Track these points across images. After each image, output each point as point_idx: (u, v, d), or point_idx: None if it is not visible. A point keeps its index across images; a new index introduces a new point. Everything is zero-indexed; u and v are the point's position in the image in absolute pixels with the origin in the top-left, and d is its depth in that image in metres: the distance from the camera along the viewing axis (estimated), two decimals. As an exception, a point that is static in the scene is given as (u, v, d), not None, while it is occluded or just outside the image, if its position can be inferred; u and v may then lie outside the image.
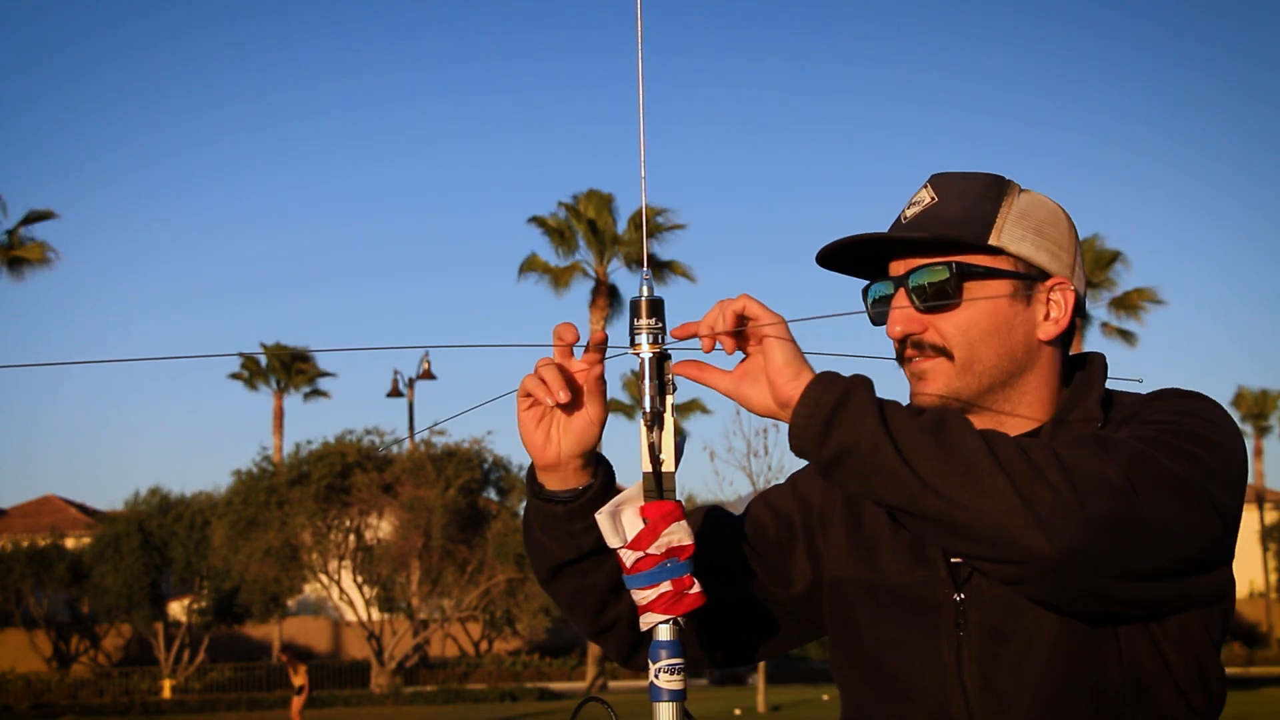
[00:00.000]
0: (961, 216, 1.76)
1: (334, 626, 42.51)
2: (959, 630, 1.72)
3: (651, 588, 1.65)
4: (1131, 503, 1.52)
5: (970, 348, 1.75)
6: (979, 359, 1.75)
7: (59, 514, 45.32)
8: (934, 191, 1.80)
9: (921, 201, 1.80)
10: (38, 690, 32.05)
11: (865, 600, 1.82)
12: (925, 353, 1.77)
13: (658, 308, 1.68)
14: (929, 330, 1.76)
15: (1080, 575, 1.52)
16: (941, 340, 1.76)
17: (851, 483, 1.59)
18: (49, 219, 34.00)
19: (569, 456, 1.76)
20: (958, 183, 1.80)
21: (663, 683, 1.64)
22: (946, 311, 1.75)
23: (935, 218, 1.77)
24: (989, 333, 1.75)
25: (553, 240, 36.08)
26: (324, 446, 32.35)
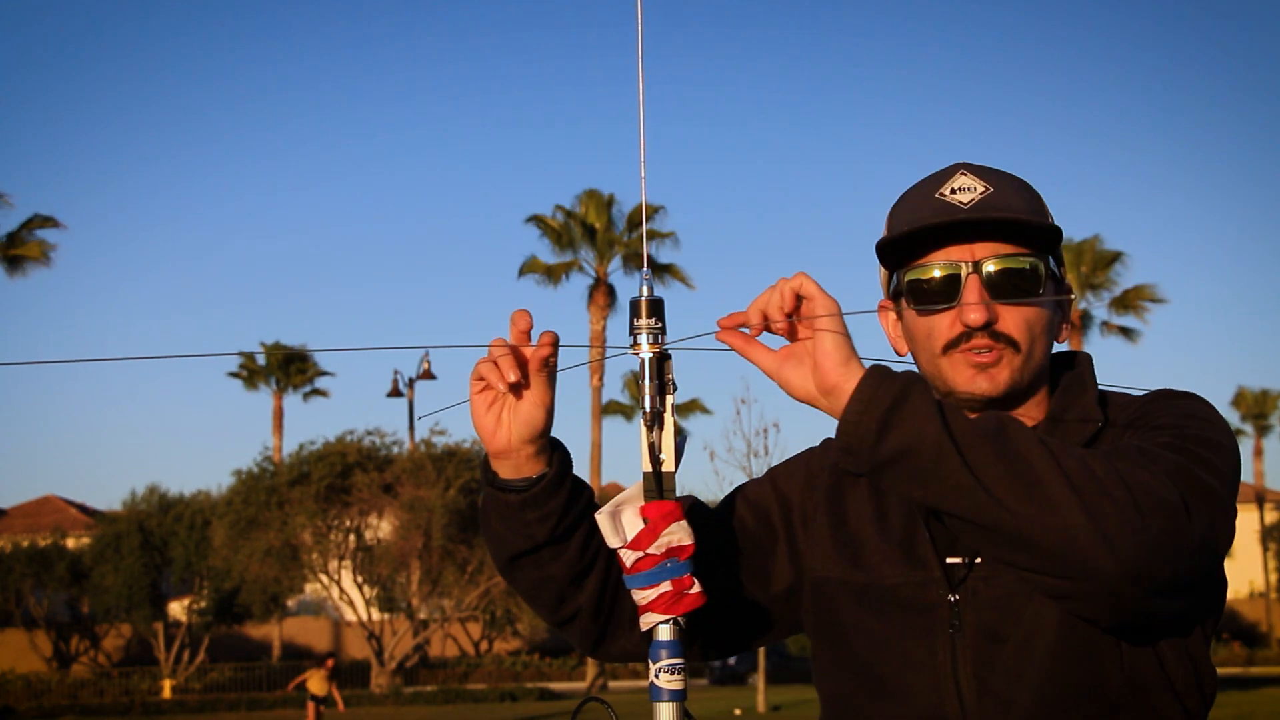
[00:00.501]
0: (1029, 208, 1.76)
1: (334, 626, 42.52)
2: (953, 631, 1.71)
3: (651, 588, 1.65)
4: (1184, 519, 1.51)
5: (1034, 342, 1.75)
6: (1035, 354, 1.75)
7: (59, 514, 45.34)
8: (982, 180, 1.77)
9: (973, 189, 1.76)
10: (38, 690, 32.05)
11: (853, 602, 1.80)
12: (999, 343, 1.74)
13: (658, 308, 1.67)
14: (1000, 320, 1.74)
15: (1137, 594, 1.51)
16: (1014, 332, 1.74)
17: (906, 486, 1.54)
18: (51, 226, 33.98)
19: (519, 442, 1.72)
20: (998, 176, 1.78)
21: (663, 683, 1.64)
22: (1021, 304, 1.74)
23: (1008, 206, 1.74)
24: (1045, 329, 1.76)
25: (552, 240, 36.11)
26: (324, 446, 32.36)
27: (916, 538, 1.76)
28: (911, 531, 1.76)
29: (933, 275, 1.75)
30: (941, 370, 1.75)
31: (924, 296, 1.76)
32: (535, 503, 1.74)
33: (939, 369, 1.76)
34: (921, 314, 1.76)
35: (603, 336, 35.53)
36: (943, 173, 1.80)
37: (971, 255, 1.73)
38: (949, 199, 1.75)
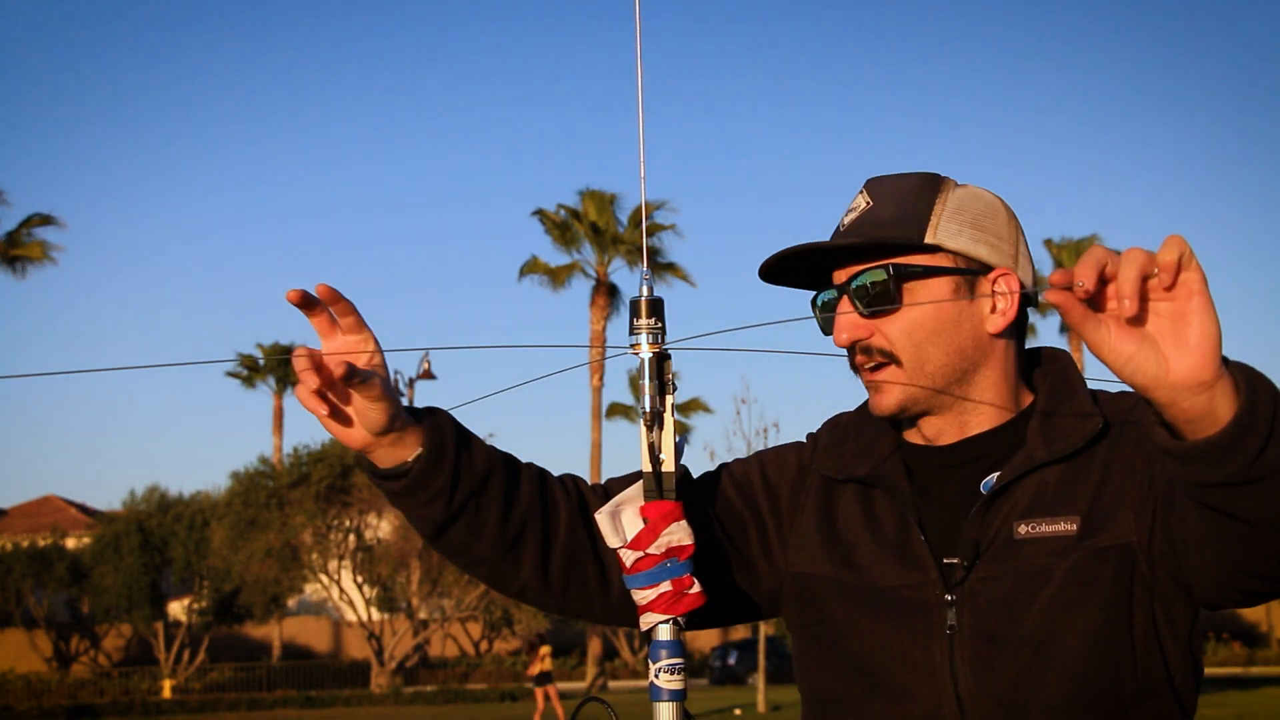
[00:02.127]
0: (896, 217, 1.76)
1: (334, 626, 42.53)
2: (950, 633, 1.70)
3: (651, 587, 1.65)
4: None
5: (917, 349, 1.73)
6: (928, 360, 1.74)
7: (59, 514, 45.34)
8: (869, 196, 1.79)
9: (858, 208, 1.79)
10: (38, 690, 32.06)
11: (843, 600, 1.79)
12: (874, 358, 1.75)
13: (657, 308, 1.68)
14: (875, 335, 1.75)
15: None
16: (889, 345, 1.74)
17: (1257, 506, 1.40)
18: (50, 224, 33.98)
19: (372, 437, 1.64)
20: (891, 184, 1.79)
21: (663, 683, 1.64)
22: (890, 315, 1.74)
23: (870, 222, 1.76)
24: (934, 332, 1.74)
25: (553, 237, 36.11)
26: (324, 447, 32.37)
27: (910, 540, 1.75)
28: (905, 534, 1.76)
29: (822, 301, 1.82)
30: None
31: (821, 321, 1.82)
32: (420, 485, 1.67)
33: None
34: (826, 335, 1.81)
35: (603, 337, 35.54)
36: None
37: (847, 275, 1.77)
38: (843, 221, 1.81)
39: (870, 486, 1.82)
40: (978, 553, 1.69)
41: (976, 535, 1.70)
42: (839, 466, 1.84)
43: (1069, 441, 1.71)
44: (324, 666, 36.30)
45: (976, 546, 1.69)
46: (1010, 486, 1.72)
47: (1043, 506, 1.69)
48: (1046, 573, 1.66)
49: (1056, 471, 1.72)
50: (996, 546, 1.69)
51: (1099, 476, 1.70)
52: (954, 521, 1.74)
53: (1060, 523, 1.67)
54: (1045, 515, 1.69)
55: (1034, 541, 1.68)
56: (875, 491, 1.82)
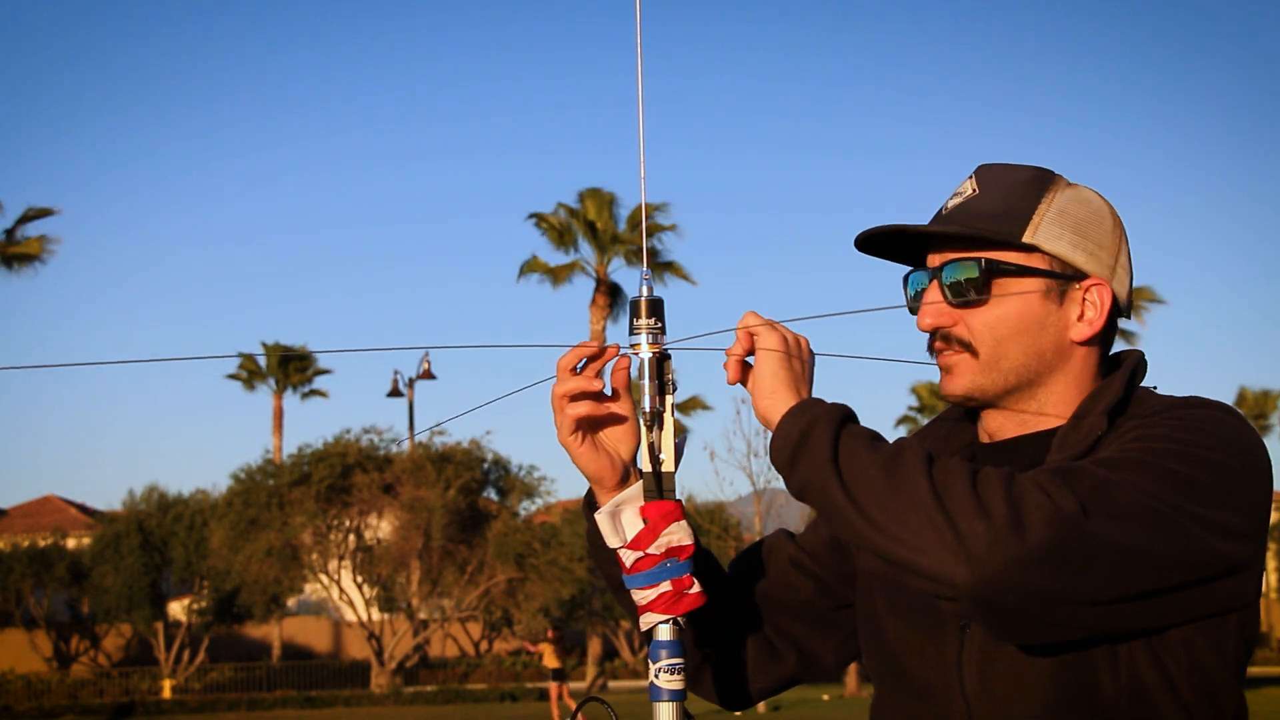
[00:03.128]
0: (998, 211, 1.74)
1: (334, 627, 42.49)
2: (963, 630, 1.72)
3: (651, 588, 1.65)
4: (1080, 532, 1.50)
5: (997, 345, 1.73)
6: (1005, 357, 1.74)
7: (59, 514, 45.29)
8: (977, 183, 1.78)
9: (964, 193, 1.78)
10: (38, 690, 32.03)
11: (884, 595, 1.83)
12: (953, 347, 1.75)
13: (657, 308, 1.68)
14: (959, 325, 1.75)
15: (1015, 605, 1.52)
16: (969, 336, 1.74)
17: (820, 515, 1.65)
18: (48, 216, 33.90)
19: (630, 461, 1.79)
20: (1001, 175, 1.78)
21: (663, 683, 1.64)
22: (977, 308, 1.74)
23: (972, 211, 1.75)
24: (1018, 331, 1.73)
25: (552, 239, 36.08)
26: (324, 447, 32.35)
27: None
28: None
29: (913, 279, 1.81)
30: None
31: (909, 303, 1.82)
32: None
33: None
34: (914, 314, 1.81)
35: (603, 337, 35.50)
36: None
37: (935, 261, 1.77)
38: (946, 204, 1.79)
39: None
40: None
41: None
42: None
43: (1076, 448, 1.71)
44: (324, 666, 36.26)
45: None
46: None
47: None
48: None
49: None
50: None
51: None
52: None
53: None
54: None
55: None
56: None
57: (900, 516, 1.53)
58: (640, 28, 1.72)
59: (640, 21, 1.71)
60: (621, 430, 1.78)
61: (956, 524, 1.50)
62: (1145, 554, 1.54)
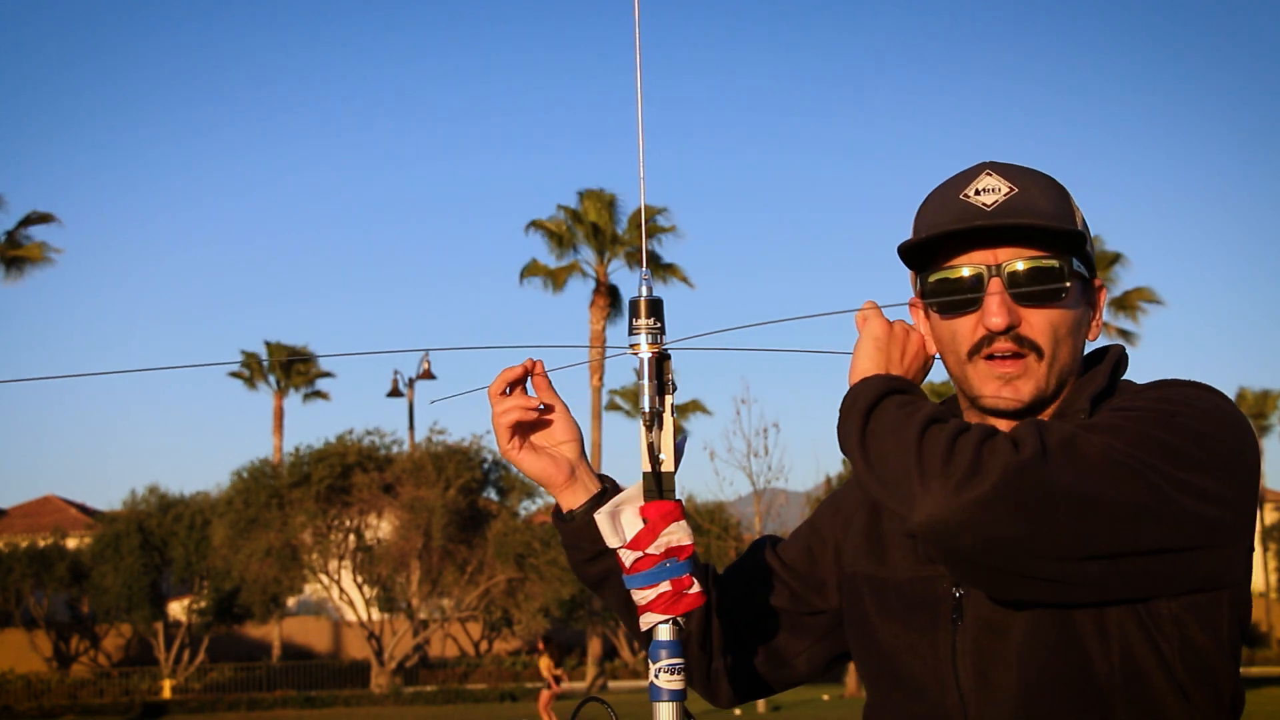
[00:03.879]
0: (1054, 211, 1.73)
1: (334, 626, 42.48)
2: (955, 624, 1.73)
3: (650, 587, 1.65)
4: (1037, 476, 1.51)
5: (1058, 345, 1.73)
6: (1060, 358, 1.74)
7: (59, 514, 45.28)
8: (1007, 180, 1.75)
9: (997, 189, 1.74)
10: (38, 690, 32.03)
11: (874, 596, 1.84)
12: (1022, 347, 1.72)
13: (657, 308, 1.68)
14: (1024, 324, 1.73)
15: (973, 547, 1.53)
16: (1034, 335, 1.72)
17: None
18: (49, 222, 33.92)
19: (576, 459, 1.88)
20: (1025, 173, 1.77)
21: (663, 683, 1.64)
22: (1048, 308, 1.72)
23: (1031, 208, 1.72)
24: (1070, 332, 1.74)
25: (552, 241, 36.08)
26: (324, 447, 32.34)
27: None
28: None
29: (956, 279, 1.74)
30: (968, 376, 1.75)
31: (948, 300, 1.75)
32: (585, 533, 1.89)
33: (965, 374, 1.76)
34: (945, 318, 1.76)
35: (603, 337, 35.51)
36: (968, 172, 1.78)
37: (995, 259, 1.72)
38: (972, 201, 1.74)
39: None
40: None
41: None
42: None
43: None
44: (324, 666, 36.25)
45: None
46: None
47: None
48: None
49: None
50: None
51: None
52: None
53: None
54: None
55: None
56: None
57: (887, 461, 1.60)
58: (639, 28, 1.72)
59: (639, 22, 1.72)
60: (558, 430, 1.88)
61: (924, 467, 1.55)
62: (1111, 505, 1.54)
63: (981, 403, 1.75)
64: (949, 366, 1.79)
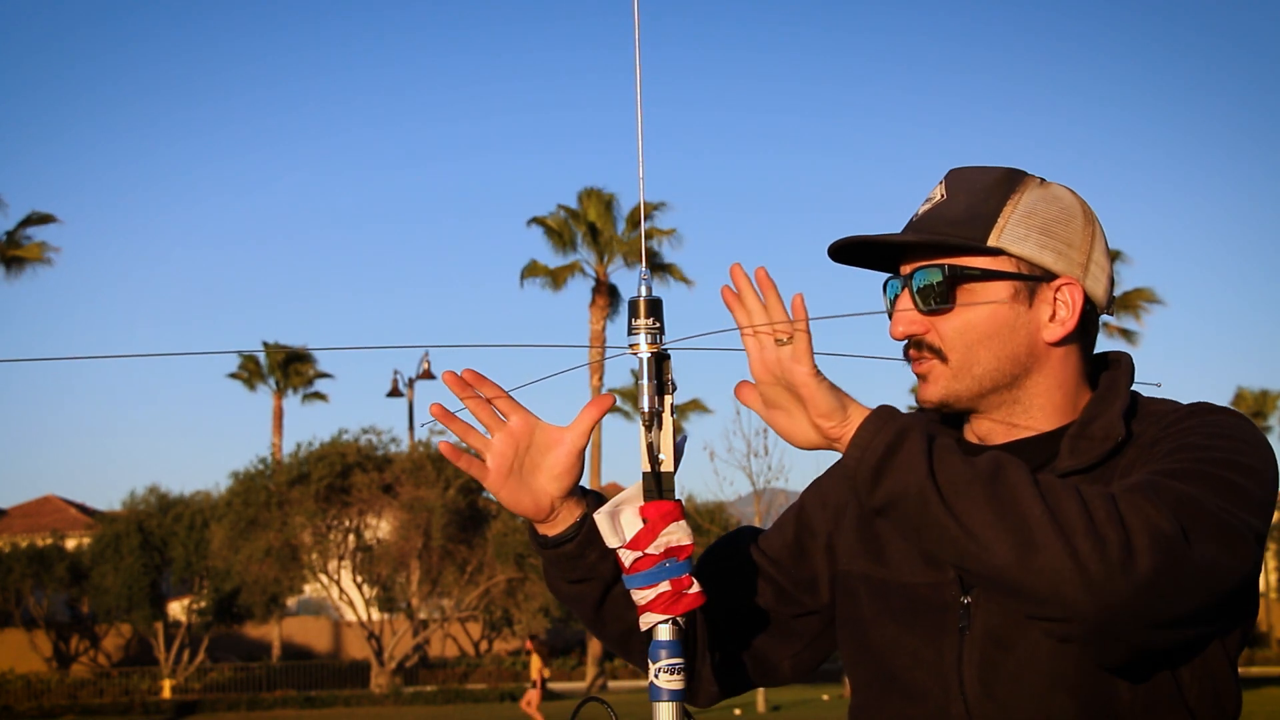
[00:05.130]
0: (963, 216, 1.74)
1: (334, 626, 42.48)
2: (962, 633, 1.70)
3: (650, 587, 1.65)
4: (1182, 554, 1.49)
5: (967, 350, 1.73)
6: (977, 362, 1.73)
7: (59, 514, 45.27)
8: (945, 189, 1.77)
9: (933, 199, 1.78)
10: (38, 690, 32.02)
11: (871, 596, 1.81)
12: (924, 353, 1.75)
13: (656, 307, 1.68)
14: (930, 332, 1.74)
15: (1124, 631, 1.50)
16: (940, 343, 1.74)
17: (903, 530, 1.58)
18: (49, 223, 33.92)
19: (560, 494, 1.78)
20: (970, 179, 1.77)
21: (663, 683, 1.64)
22: (945, 314, 1.73)
23: (939, 217, 1.75)
24: (987, 335, 1.72)
25: (553, 241, 36.08)
26: (323, 447, 32.34)
27: None
28: None
29: (890, 287, 1.80)
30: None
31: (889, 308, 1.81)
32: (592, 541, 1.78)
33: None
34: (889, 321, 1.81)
35: (602, 337, 35.52)
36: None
37: (911, 268, 1.77)
38: (917, 211, 1.79)
39: None
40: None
41: None
42: None
43: (1092, 453, 1.70)
44: (324, 666, 36.24)
45: None
46: None
47: None
48: None
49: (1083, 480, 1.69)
50: None
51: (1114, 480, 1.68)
52: None
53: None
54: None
55: None
56: None
57: (1011, 536, 1.49)
58: (639, 28, 1.72)
59: (639, 22, 1.72)
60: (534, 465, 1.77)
61: (1074, 547, 1.46)
62: (1223, 570, 1.54)
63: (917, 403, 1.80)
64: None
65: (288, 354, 42.64)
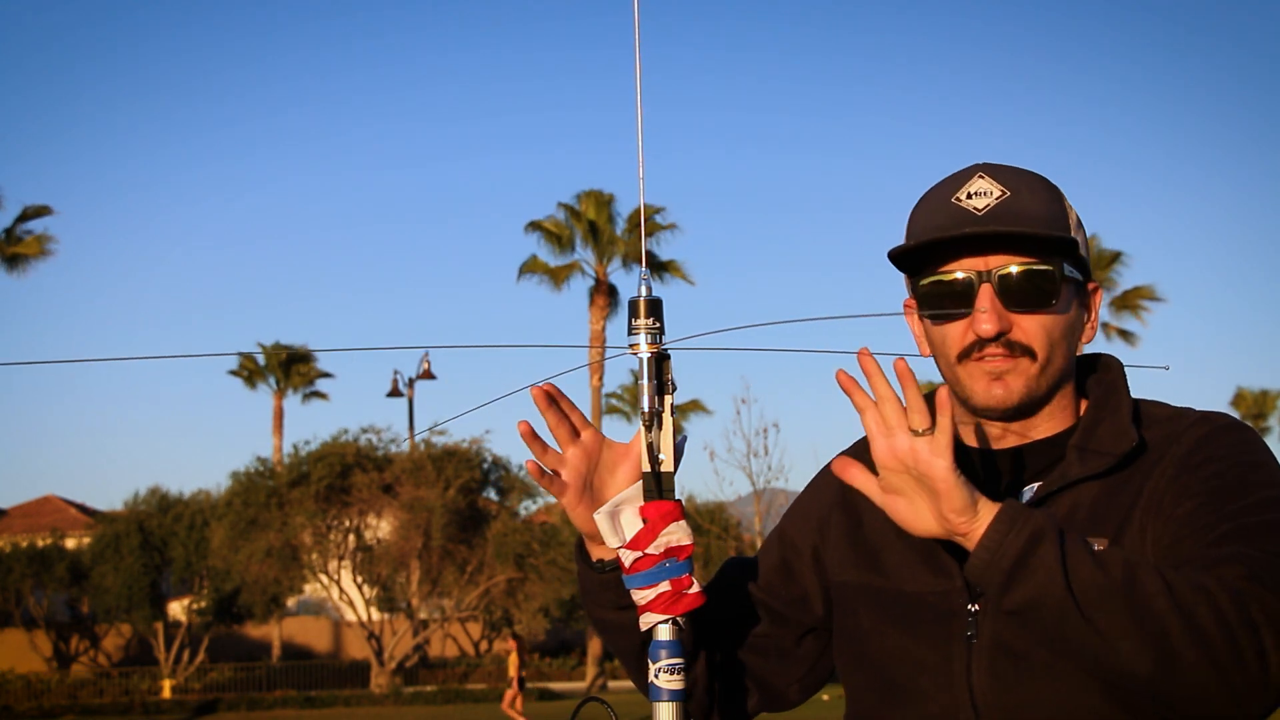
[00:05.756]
0: (1046, 214, 1.72)
1: (334, 626, 42.48)
2: (970, 641, 1.69)
3: (650, 587, 1.65)
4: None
5: (1052, 349, 1.72)
6: (1054, 361, 1.73)
7: (59, 514, 45.25)
8: (1000, 183, 1.74)
9: (989, 193, 1.73)
10: (38, 690, 32.02)
11: (870, 605, 1.79)
12: (1013, 352, 1.72)
13: (656, 307, 1.68)
14: (1015, 329, 1.72)
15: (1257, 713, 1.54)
16: (1028, 339, 1.72)
17: (1036, 636, 1.57)
18: (46, 215, 33.86)
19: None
20: (1014, 176, 1.75)
21: (663, 683, 1.64)
22: (1040, 313, 1.71)
23: (1022, 213, 1.72)
24: (1064, 336, 1.73)
25: (552, 241, 36.09)
26: (323, 447, 32.34)
27: (938, 546, 1.73)
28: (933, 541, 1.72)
29: (947, 284, 1.73)
30: (959, 378, 1.75)
31: (939, 304, 1.74)
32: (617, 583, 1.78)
33: (956, 376, 1.75)
34: (936, 322, 1.75)
35: (603, 337, 35.52)
36: (961, 174, 1.78)
37: (985, 265, 1.71)
38: (964, 204, 1.73)
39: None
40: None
41: None
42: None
43: (1103, 460, 1.70)
44: (324, 666, 36.24)
45: None
46: (1046, 501, 1.70)
47: (1074, 525, 1.67)
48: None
49: (1093, 488, 1.70)
50: None
51: (1130, 500, 1.68)
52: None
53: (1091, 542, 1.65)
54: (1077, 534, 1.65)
55: None
56: None
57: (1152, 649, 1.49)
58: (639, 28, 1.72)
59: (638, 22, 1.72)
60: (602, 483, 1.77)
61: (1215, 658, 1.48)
62: None
63: (972, 402, 1.74)
64: (941, 369, 1.79)
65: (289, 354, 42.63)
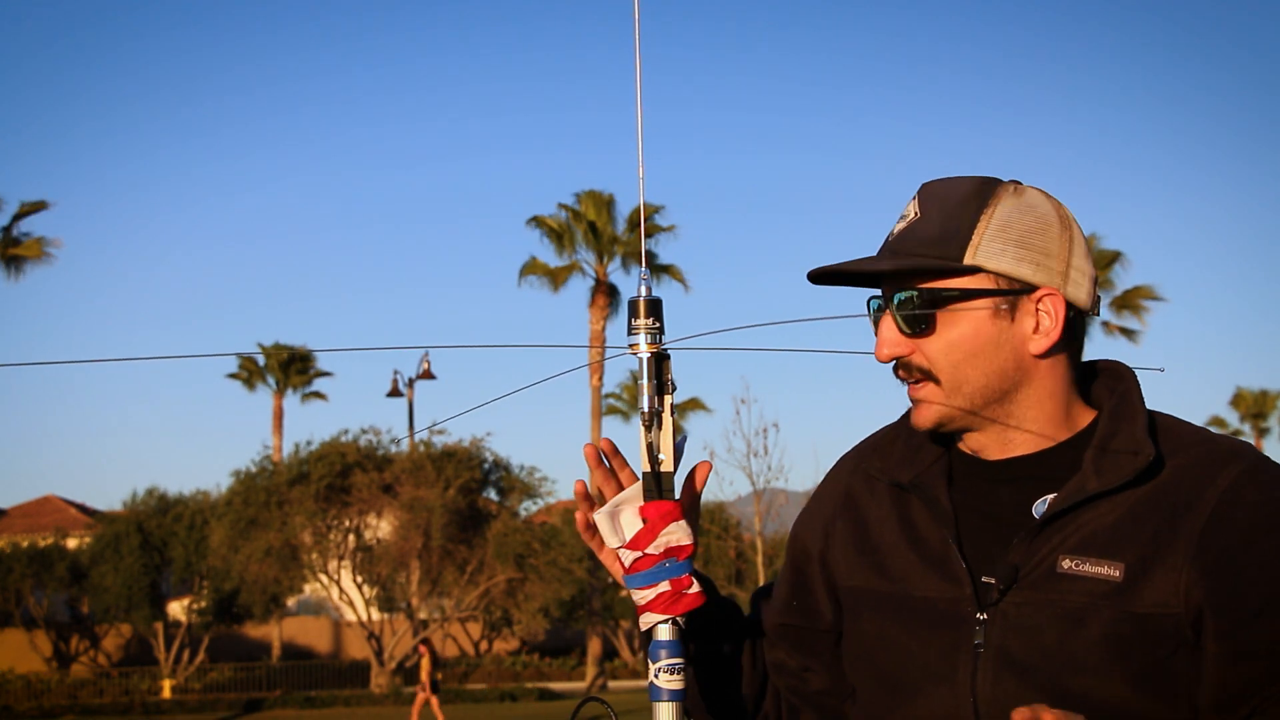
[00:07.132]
0: (938, 234, 1.71)
1: (334, 626, 42.48)
2: (977, 649, 1.69)
3: (650, 587, 1.66)
4: None
5: (955, 370, 1.71)
6: (966, 380, 1.71)
7: (59, 514, 45.24)
8: (919, 205, 1.75)
9: (907, 217, 1.76)
10: (38, 690, 32.02)
11: (876, 610, 1.79)
12: (914, 375, 1.74)
13: (656, 307, 1.68)
14: (915, 353, 1.73)
15: None
16: (927, 364, 1.72)
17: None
18: (42, 209, 33.73)
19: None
20: (942, 194, 1.75)
21: (663, 683, 1.64)
22: (928, 336, 1.71)
23: (914, 237, 1.73)
24: (973, 353, 1.71)
25: (552, 241, 36.09)
26: (323, 446, 32.33)
27: (949, 553, 1.73)
28: (944, 548, 1.74)
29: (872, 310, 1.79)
30: None
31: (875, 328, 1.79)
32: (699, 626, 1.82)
33: None
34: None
35: (602, 337, 35.52)
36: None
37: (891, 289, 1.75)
38: (894, 228, 1.78)
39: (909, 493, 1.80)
40: (1015, 578, 1.67)
41: (1019, 560, 1.68)
42: (885, 468, 1.84)
43: (1120, 474, 1.67)
44: (324, 666, 36.24)
45: (1016, 571, 1.67)
46: (1063, 515, 1.68)
47: (1093, 545, 1.66)
48: (1080, 615, 1.63)
49: (1111, 507, 1.68)
50: (1038, 575, 1.67)
51: (1155, 530, 1.65)
52: (1000, 538, 1.71)
53: (1105, 566, 1.64)
54: (1093, 555, 1.65)
55: (1075, 579, 1.65)
56: (913, 498, 1.79)
57: None
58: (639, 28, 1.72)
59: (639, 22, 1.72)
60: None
61: None
62: None
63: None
64: None
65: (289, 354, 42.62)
